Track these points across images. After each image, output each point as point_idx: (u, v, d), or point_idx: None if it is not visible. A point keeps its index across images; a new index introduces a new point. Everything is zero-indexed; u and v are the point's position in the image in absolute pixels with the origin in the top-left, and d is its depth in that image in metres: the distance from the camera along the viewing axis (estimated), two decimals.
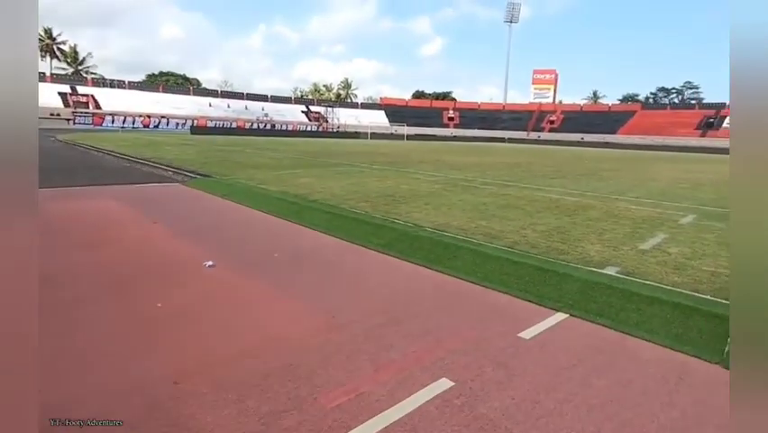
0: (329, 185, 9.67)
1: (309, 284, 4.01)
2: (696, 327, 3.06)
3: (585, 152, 37.31)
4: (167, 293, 3.64)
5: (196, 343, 2.87)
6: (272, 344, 2.89)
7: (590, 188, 10.65)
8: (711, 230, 5.97)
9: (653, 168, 18.99)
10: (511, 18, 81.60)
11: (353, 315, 3.35)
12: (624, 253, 4.73)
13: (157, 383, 2.39)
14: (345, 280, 4.17)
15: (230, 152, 19.56)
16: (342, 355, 2.75)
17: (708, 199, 9.15)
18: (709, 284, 3.81)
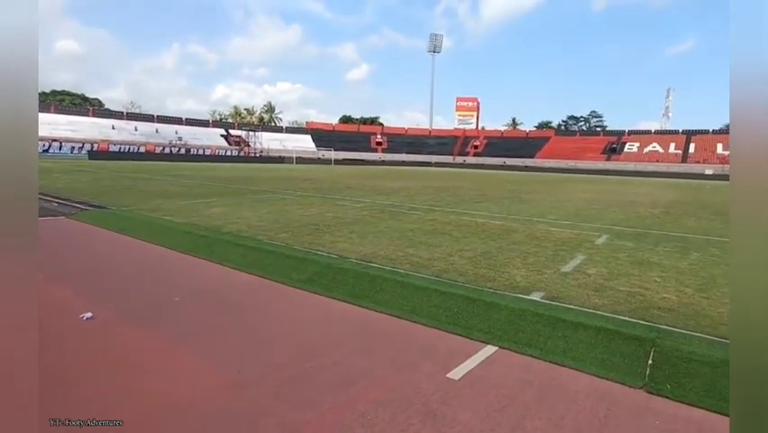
0: (246, 215, 9.06)
1: (214, 332, 3.50)
2: (618, 352, 3.14)
3: (507, 175, 40.40)
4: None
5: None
6: (161, 415, 2.37)
7: (513, 210, 11.31)
8: (623, 249, 6.52)
9: (568, 190, 21.00)
10: (434, 48, 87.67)
11: (264, 367, 2.95)
12: (547, 276, 4.91)
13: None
14: (257, 325, 3.72)
15: (135, 180, 17.77)
16: (247, 422, 2.34)
17: (618, 219, 10.16)
18: (627, 304, 4.03)
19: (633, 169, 56.33)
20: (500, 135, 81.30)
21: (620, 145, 66.01)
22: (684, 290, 4.54)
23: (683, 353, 3.03)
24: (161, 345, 3.25)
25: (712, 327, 3.55)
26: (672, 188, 25.83)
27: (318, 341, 3.41)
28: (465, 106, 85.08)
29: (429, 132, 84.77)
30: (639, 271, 5.20)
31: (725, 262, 5.83)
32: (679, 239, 7.65)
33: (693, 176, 50.40)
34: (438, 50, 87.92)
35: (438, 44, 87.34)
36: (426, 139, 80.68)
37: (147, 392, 2.62)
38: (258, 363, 3.02)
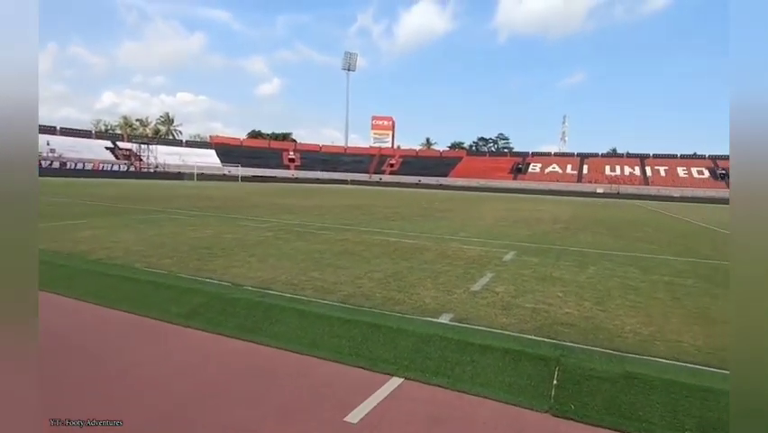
0: (124, 238, 7.90)
1: (63, 389, 2.75)
2: (525, 373, 3.12)
3: (422, 193, 42.12)
4: None
5: None
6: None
7: (427, 229, 11.56)
8: (529, 265, 6.88)
9: (479, 207, 22.38)
10: (349, 66, 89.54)
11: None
12: (457, 296, 4.90)
13: None
14: (113, 378, 3.04)
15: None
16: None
17: (524, 236, 10.90)
18: (532, 322, 4.12)
19: (536, 187, 62.67)
20: (415, 154, 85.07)
21: (525, 166, 73.18)
22: (584, 303, 4.83)
23: (585, 370, 3.10)
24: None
25: (609, 339, 3.75)
26: (570, 205, 29.05)
27: (192, 392, 2.87)
28: (381, 125, 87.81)
29: (345, 149, 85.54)
30: (543, 287, 5.47)
31: (617, 275, 6.43)
32: (577, 253, 8.37)
33: (587, 194, 57.65)
34: (353, 68, 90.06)
35: (353, 63, 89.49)
36: (342, 156, 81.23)
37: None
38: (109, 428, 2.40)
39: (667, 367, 3.23)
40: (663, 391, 2.87)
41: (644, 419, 2.66)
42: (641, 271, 6.85)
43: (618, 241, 10.78)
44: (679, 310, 4.73)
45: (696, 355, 3.50)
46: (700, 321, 4.38)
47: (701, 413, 2.68)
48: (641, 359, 3.37)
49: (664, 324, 4.24)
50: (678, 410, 2.71)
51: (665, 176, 64.48)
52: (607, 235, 11.89)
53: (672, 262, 7.86)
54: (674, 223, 18.24)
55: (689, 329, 4.11)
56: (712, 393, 2.84)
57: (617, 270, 6.84)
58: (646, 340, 3.79)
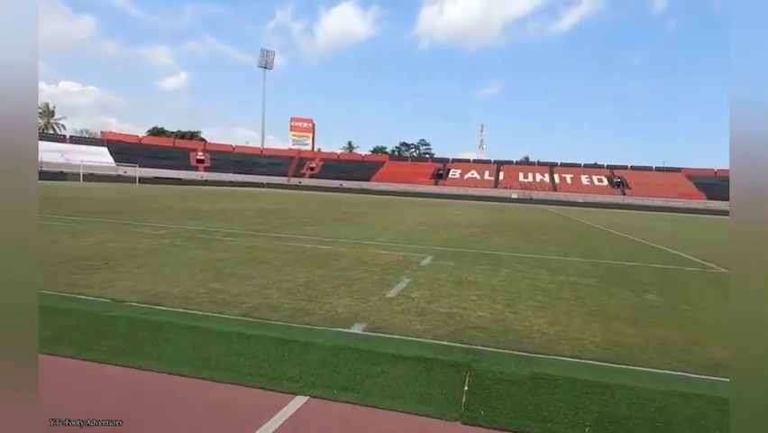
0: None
1: None
2: (437, 381, 3.11)
3: (343, 197, 42.03)
4: None
5: None
6: None
7: (344, 234, 11.44)
8: (445, 270, 7.07)
9: (400, 212, 22.84)
10: (265, 64, 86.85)
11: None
12: (372, 304, 4.82)
13: None
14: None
15: None
16: None
17: (442, 240, 11.26)
18: (446, 327, 4.17)
19: (457, 192, 65.96)
20: (337, 158, 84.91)
21: (446, 171, 76.71)
22: (496, 306, 5.04)
23: (495, 374, 3.18)
24: None
25: (518, 341, 3.92)
26: (487, 210, 30.92)
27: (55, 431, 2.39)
28: (300, 127, 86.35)
29: (261, 151, 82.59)
30: (458, 291, 5.62)
31: (527, 277, 6.86)
32: (492, 257, 8.82)
33: (503, 199, 62.01)
34: (270, 66, 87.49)
35: (270, 60, 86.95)
36: (258, 158, 78.27)
37: None
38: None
39: (570, 365, 3.44)
40: (567, 390, 3.03)
41: (549, 419, 2.77)
42: (549, 272, 7.39)
43: (530, 244, 11.63)
44: (581, 309, 5.13)
45: (595, 352, 3.79)
46: (600, 319, 4.79)
47: (599, 408, 2.86)
48: (547, 359, 3.55)
49: (569, 323, 4.56)
50: (579, 407, 2.86)
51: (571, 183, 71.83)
52: (519, 239, 12.77)
53: (577, 263, 8.62)
54: (578, 226, 20.26)
55: (589, 327, 4.47)
56: (609, 388, 3.07)
57: (528, 272, 7.31)
58: (552, 340, 4.03)
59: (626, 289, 6.46)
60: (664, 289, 6.65)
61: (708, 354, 3.91)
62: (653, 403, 2.92)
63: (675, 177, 72.38)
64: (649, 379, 3.28)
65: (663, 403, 2.93)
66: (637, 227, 21.75)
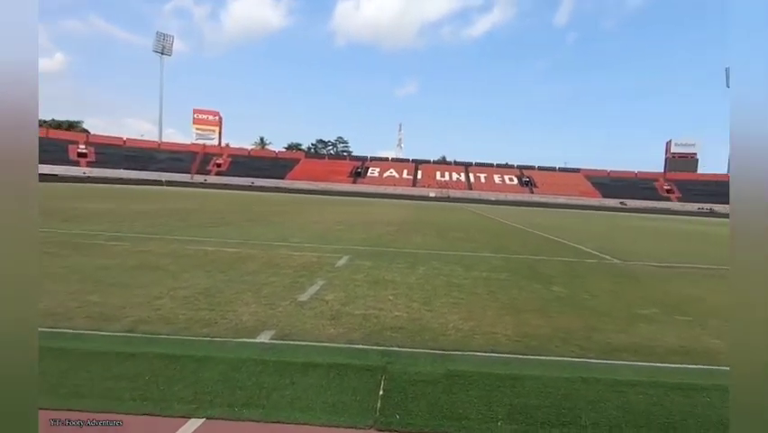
0: None
1: None
2: (350, 388, 3.02)
3: (255, 196, 40.35)
4: None
5: None
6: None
7: (254, 235, 10.92)
8: (362, 270, 7.02)
9: (317, 211, 22.49)
10: (162, 49, 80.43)
11: None
12: (282, 310, 4.59)
13: None
14: None
15: None
16: None
17: (359, 239, 11.24)
18: (362, 330, 4.11)
19: (375, 191, 66.92)
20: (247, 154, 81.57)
21: (364, 170, 77.45)
22: (412, 305, 5.10)
23: (411, 375, 3.18)
24: None
25: (434, 339, 3.99)
26: (405, 209, 31.73)
27: None
28: (205, 120, 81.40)
29: (159, 144, 76.35)
30: (375, 292, 5.60)
31: (443, 274, 7.07)
32: (410, 255, 8.99)
33: (421, 198, 64.20)
34: (168, 52, 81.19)
35: (168, 46, 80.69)
36: (155, 153, 72.21)
37: None
38: None
39: (484, 360, 3.56)
40: (481, 385, 3.12)
41: (463, 417, 2.82)
42: (464, 268, 7.71)
43: (446, 241, 12.09)
44: (494, 304, 5.40)
45: (507, 345, 3.98)
46: (511, 312, 5.07)
47: (511, 401, 2.98)
48: (462, 355, 3.64)
49: (482, 318, 4.76)
50: (492, 402, 2.96)
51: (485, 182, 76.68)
52: (436, 236, 13.23)
53: (490, 259, 9.12)
54: (491, 223, 21.61)
55: (501, 320, 4.70)
56: (519, 380, 3.22)
57: (444, 269, 7.55)
58: (467, 335, 4.16)
59: (535, 282, 6.95)
60: (568, 280, 7.28)
61: (606, 339, 4.31)
62: (559, 391, 3.12)
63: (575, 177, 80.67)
64: (555, 367, 3.51)
65: (568, 390, 3.14)
66: (543, 223, 23.82)
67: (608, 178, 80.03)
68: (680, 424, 2.84)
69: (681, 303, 6.07)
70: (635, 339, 4.38)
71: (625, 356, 3.89)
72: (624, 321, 5.00)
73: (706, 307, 5.96)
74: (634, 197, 70.31)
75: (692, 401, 3.11)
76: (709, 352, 4.14)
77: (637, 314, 5.35)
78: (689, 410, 2.99)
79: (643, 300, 6.09)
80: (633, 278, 7.97)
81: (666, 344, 4.30)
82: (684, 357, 3.96)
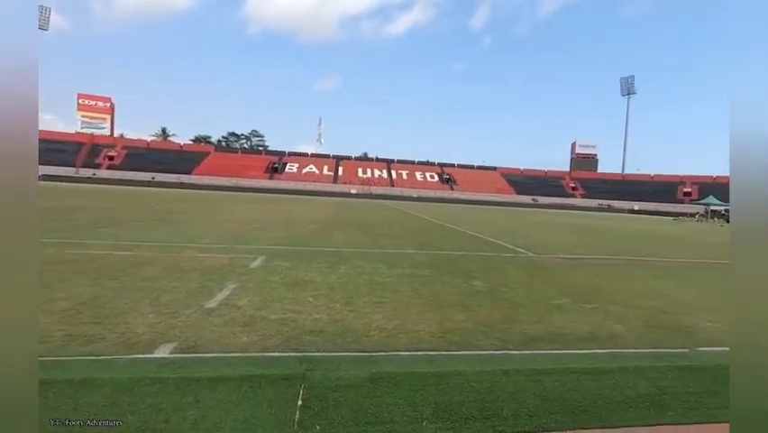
0: None
1: None
2: (265, 401, 2.83)
3: (156, 192, 37.36)
4: None
5: None
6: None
7: (154, 236, 10.06)
8: (279, 271, 6.75)
9: (229, 209, 21.40)
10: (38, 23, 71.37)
11: None
12: (185, 319, 4.23)
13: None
14: None
15: None
16: None
17: (277, 238, 10.86)
18: (279, 336, 3.91)
19: (294, 188, 65.56)
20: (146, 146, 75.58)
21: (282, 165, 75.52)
22: (334, 306, 4.98)
23: (332, 381, 3.07)
24: None
25: (357, 341, 3.91)
26: (326, 206, 31.43)
27: None
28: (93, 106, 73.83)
29: None
30: (293, 294, 5.40)
31: (366, 272, 7.04)
32: (331, 253, 8.85)
33: (342, 194, 64.15)
34: (44, 26, 72.21)
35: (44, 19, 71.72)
36: None
37: None
38: None
39: (409, 359, 3.57)
40: (405, 386, 3.11)
41: (388, 420, 2.78)
42: (388, 266, 7.76)
43: (369, 238, 12.13)
44: (418, 300, 5.47)
45: (431, 342, 4.03)
46: (434, 308, 5.17)
47: (436, 399, 3.00)
48: (386, 356, 3.61)
49: (406, 316, 4.79)
50: (417, 402, 2.95)
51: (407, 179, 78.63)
52: (359, 234, 13.22)
53: (413, 256, 9.29)
54: (414, 220, 22.15)
55: (425, 317, 4.76)
56: (444, 377, 3.26)
57: (367, 267, 7.54)
58: (391, 335, 4.15)
59: (457, 277, 7.19)
60: (487, 274, 7.63)
61: (523, 330, 4.56)
62: (482, 385, 3.21)
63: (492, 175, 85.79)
64: (477, 361, 3.61)
65: (490, 383, 3.24)
66: (463, 219, 24.97)
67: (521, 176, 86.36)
68: (590, 406, 3.06)
69: (587, 292, 6.64)
70: (550, 328, 4.68)
71: (541, 345, 4.13)
72: (539, 312, 5.33)
73: (607, 294, 6.58)
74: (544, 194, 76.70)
75: (601, 384, 3.37)
76: (613, 336, 4.55)
77: (551, 304, 5.74)
78: (598, 393, 3.24)
79: (555, 291, 6.56)
80: (545, 270, 8.58)
81: (577, 331, 4.65)
82: (592, 343, 4.31)
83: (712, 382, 3.56)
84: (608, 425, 2.88)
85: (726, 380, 3.57)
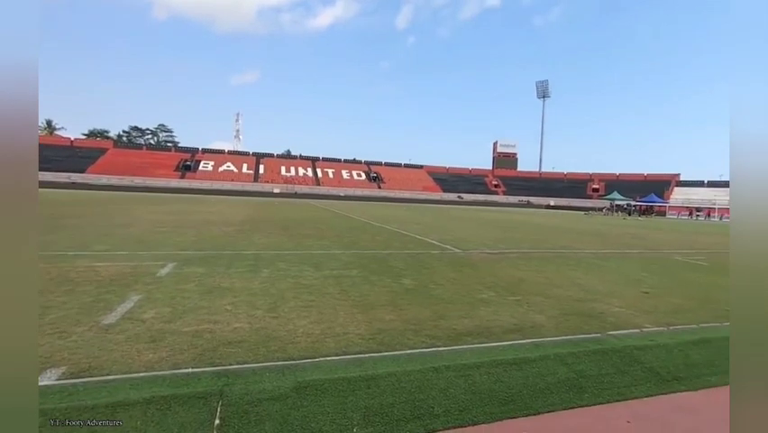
0: None
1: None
2: (176, 424, 2.61)
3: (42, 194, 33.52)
4: None
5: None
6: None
7: None
8: (192, 278, 6.33)
9: (131, 211, 19.77)
10: None
11: None
12: (77, 338, 3.79)
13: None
14: None
15: None
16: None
17: (189, 243, 10.20)
18: (192, 350, 3.64)
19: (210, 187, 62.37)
20: None
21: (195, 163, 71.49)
22: (255, 313, 4.76)
23: (253, 394, 2.91)
24: None
25: (281, 349, 3.76)
26: (247, 206, 30.22)
27: None
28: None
29: None
30: (209, 302, 5.08)
31: (291, 275, 6.83)
32: (252, 257, 8.48)
33: (265, 194, 62.19)
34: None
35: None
36: None
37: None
38: None
39: (337, 364, 3.49)
40: (333, 392, 3.03)
41: (316, 430, 2.69)
42: (314, 268, 7.60)
43: (293, 240, 11.83)
44: (346, 302, 5.40)
45: (361, 344, 3.98)
46: (364, 309, 5.13)
47: (366, 403, 2.96)
48: (313, 363, 3.51)
49: (334, 318, 4.70)
50: (346, 408, 2.89)
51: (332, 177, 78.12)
52: (282, 235, 12.85)
53: (341, 256, 9.20)
54: (341, 219, 22.03)
55: (354, 319, 4.71)
56: (374, 380, 3.23)
57: (292, 269, 7.32)
58: (318, 340, 4.04)
59: (386, 276, 7.23)
60: (416, 272, 7.76)
61: (452, 326, 4.67)
62: (413, 384, 3.23)
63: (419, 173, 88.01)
64: (408, 361, 3.63)
65: (421, 382, 3.27)
66: (391, 218, 25.32)
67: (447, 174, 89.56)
68: (516, 396, 3.21)
69: (511, 285, 7.00)
70: (477, 322, 4.84)
71: (469, 340, 4.26)
72: (467, 307, 5.50)
73: (529, 286, 6.99)
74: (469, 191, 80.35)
75: (525, 373, 3.55)
76: (535, 326, 4.82)
77: (477, 298, 5.96)
78: (523, 382, 3.41)
79: (481, 285, 6.83)
80: (472, 265, 8.92)
81: (502, 323, 4.86)
82: (517, 334, 4.53)
83: (621, 362, 3.91)
84: (532, 413, 3.04)
85: (632, 359, 3.96)
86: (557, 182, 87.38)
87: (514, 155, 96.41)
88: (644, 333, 4.80)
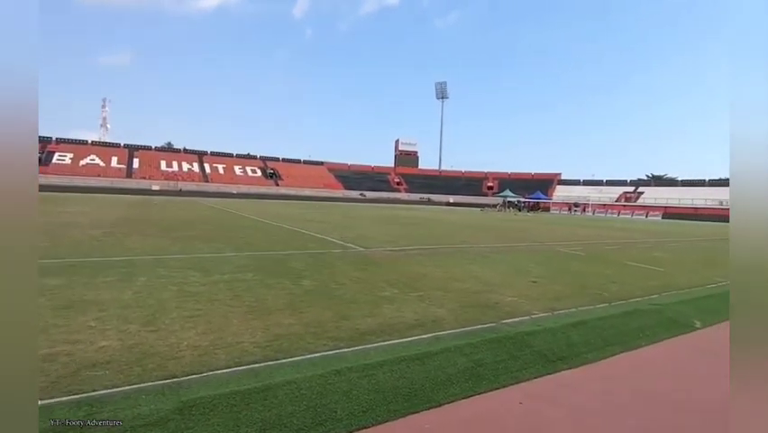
0: None
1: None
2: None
3: None
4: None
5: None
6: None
7: None
8: (43, 291, 5.56)
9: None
10: None
11: None
12: None
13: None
14: None
15: None
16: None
17: (41, 249, 8.98)
18: (42, 379, 3.17)
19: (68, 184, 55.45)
20: None
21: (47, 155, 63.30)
22: (128, 328, 4.30)
23: (126, 422, 2.60)
24: None
25: (161, 367, 3.43)
26: (118, 206, 27.46)
27: None
28: None
29: None
30: (66, 320, 4.47)
31: (174, 283, 6.31)
32: (124, 264, 7.70)
33: (140, 191, 57.11)
34: None
35: None
36: None
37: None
38: None
39: (229, 378, 3.27)
40: (224, 409, 2.83)
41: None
42: (202, 273, 7.11)
43: (177, 243, 11.00)
44: (239, 309, 5.12)
45: (256, 353, 3.79)
46: (259, 314, 4.91)
47: (262, 415, 2.82)
48: (201, 378, 3.25)
49: (225, 327, 4.42)
50: (240, 424, 2.72)
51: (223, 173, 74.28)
52: (164, 238, 11.89)
53: (233, 259, 8.74)
54: (234, 219, 21.01)
55: (249, 326, 4.48)
56: (271, 390, 3.08)
57: (175, 276, 6.78)
58: (206, 352, 3.77)
59: (284, 278, 7.01)
60: (317, 272, 7.64)
61: (354, 326, 4.66)
62: (314, 390, 3.14)
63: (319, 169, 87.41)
64: (309, 366, 3.53)
65: (322, 387, 3.20)
66: (290, 216, 24.78)
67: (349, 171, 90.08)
68: (419, 390, 3.31)
69: (413, 281, 7.20)
70: (381, 320, 4.89)
71: (373, 339, 4.27)
72: (369, 305, 5.53)
73: (430, 281, 7.26)
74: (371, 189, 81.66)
75: (427, 367, 3.66)
76: (437, 320, 5.00)
77: (380, 296, 6.03)
78: (425, 376, 3.52)
79: (384, 283, 6.93)
80: (374, 263, 9.03)
81: (405, 320, 4.96)
82: (419, 329, 4.65)
83: (514, 348, 4.24)
84: (434, 405, 3.14)
85: (524, 344, 4.32)
86: (456, 180, 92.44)
87: (415, 153, 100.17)
88: (533, 319, 5.23)
